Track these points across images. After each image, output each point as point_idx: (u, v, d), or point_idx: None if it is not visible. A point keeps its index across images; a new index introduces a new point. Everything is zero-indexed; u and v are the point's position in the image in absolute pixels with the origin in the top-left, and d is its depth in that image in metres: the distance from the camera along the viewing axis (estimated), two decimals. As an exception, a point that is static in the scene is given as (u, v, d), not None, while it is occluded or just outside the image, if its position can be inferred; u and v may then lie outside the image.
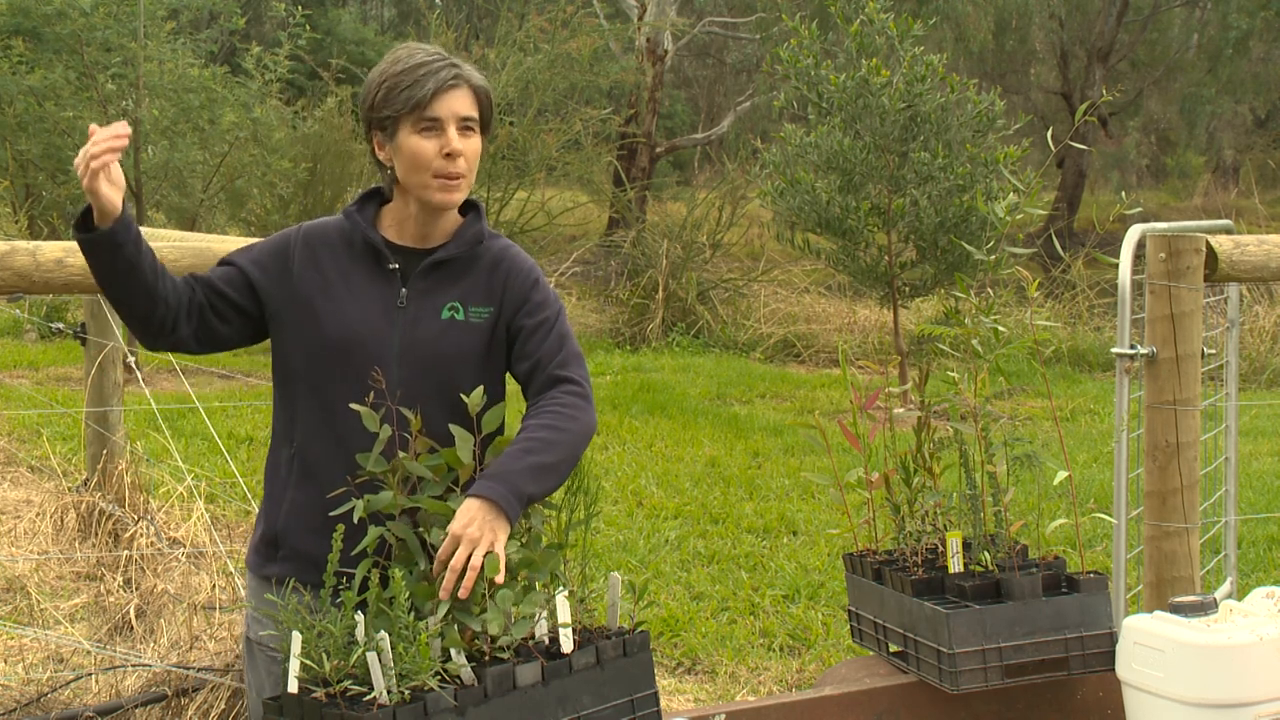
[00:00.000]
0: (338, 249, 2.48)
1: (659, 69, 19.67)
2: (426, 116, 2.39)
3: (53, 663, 4.63)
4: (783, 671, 4.85)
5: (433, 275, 2.47)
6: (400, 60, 2.43)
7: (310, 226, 2.53)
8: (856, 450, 2.72)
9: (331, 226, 2.52)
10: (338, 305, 2.43)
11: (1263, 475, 7.86)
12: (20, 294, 3.44)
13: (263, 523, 2.51)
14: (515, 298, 2.49)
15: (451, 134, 2.40)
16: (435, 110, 2.39)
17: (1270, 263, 3.64)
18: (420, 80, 2.38)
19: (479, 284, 2.49)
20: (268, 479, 2.52)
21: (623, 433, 8.98)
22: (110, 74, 11.64)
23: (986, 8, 19.70)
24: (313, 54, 14.76)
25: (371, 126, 2.46)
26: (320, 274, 2.46)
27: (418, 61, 2.41)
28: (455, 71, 2.42)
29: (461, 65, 2.44)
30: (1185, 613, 2.38)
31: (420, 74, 2.39)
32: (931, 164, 9.33)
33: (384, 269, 2.46)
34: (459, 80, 2.41)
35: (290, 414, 2.46)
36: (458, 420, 2.34)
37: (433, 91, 2.38)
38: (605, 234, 17.65)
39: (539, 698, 2.09)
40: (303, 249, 2.47)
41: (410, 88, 2.38)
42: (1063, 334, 12.37)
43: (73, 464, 7.10)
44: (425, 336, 2.43)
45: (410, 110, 2.39)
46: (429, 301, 2.45)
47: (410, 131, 2.40)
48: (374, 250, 2.47)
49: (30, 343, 11.98)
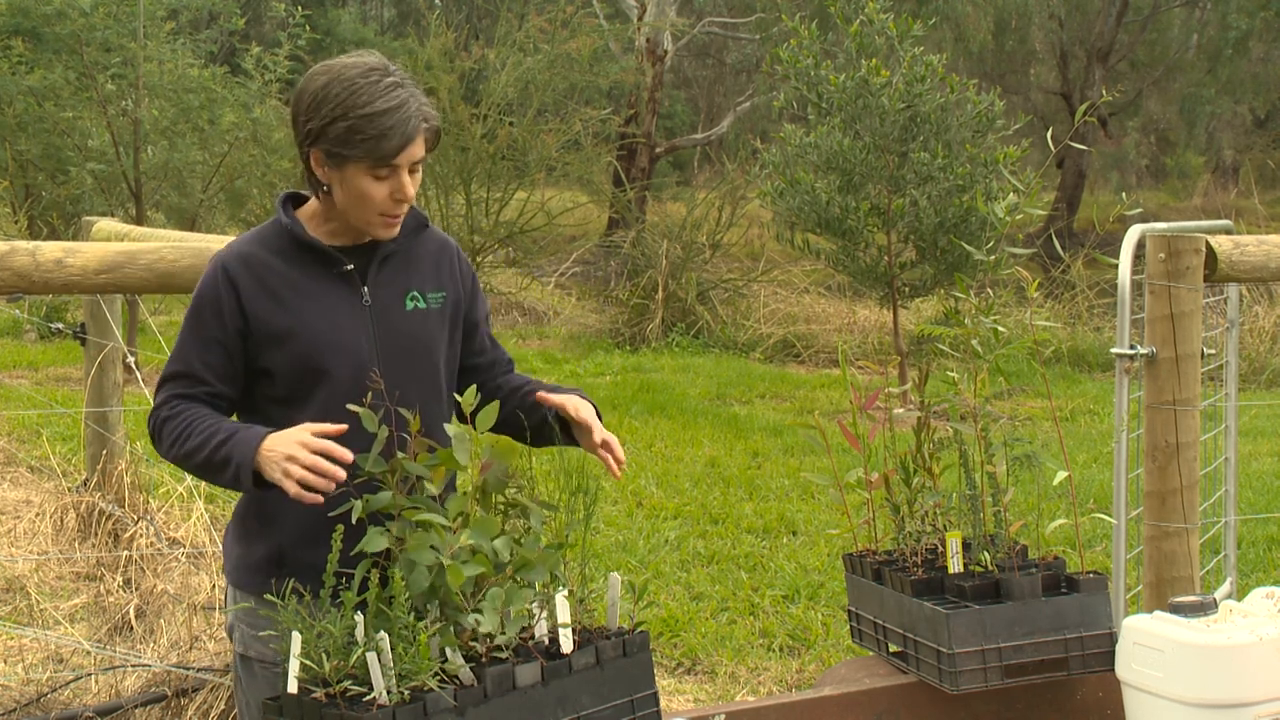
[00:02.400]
0: (273, 263, 2.40)
1: (659, 69, 19.68)
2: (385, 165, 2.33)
3: (52, 663, 4.63)
4: (782, 672, 4.85)
5: (386, 268, 2.47)
6: (360, 91, 2.30)
7: (233, 253, 2.42)
8: (856, 450, 2.72)
9: (255, 243, 2.43)
10: (303, 320, 2.39)
11: (1262, 475, 7.86)
12: (20, 294, 3.44)
13: (259, 541, 2.46)
14: (466, 285, 2.58)
15: (404, 180, 2.35)
16: (395, 160, 2.33)
17: (1270, 263, 3.65)
18: (386, 134, 2.29)
19: (428, 270, 2.52)
20: (260, 498, 2.45)
21: (622, 433, 8.98)
22: (110, 74, 11.64)
23: (986, 8, 19.71)
24: (312, 54, 14.69)
25: (313, 142, 2.35)
26: (271, 296, 2.39)
27: (383, 108, 2.29)
28: (420, 122, 2.33)
29: (420, 100, 2.35)
30: (1185, 613, 2.38)
31: (387, 126, 2.29)
32: (931, 164, 9.33)
33: (336, 271, 2.43)
34: (421, 129, 2.34)
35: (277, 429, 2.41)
36: (444, 408, 2.40)
37: (398, 149, 2.31)
38: (605, 234, 17.66)
39: (538, 698, 2.09)
40: (243, 278, 2.38)
41: (376, 139, 2.29)
42: (1062, 334, 12.37)
43: (72, 464, 7.10)
44: (399, 328, 2.45)
45: (370, 161, 2.31)
46: (391, 293, 2.46)
47: (363, 173, 2.33)
48: (320, 255, 2.42)
49: (30, 343, 11.98)
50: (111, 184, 11.79)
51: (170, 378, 2.41)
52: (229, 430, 2.31)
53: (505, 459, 2.31)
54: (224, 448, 2.29)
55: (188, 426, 2.34)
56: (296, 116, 2.38)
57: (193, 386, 2.39)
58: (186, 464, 2.37)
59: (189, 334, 2.42)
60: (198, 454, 2.32)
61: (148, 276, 3.54)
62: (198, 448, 2.32)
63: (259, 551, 2.47)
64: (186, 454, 2.34)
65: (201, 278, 2.44)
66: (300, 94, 2.37)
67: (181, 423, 2.36)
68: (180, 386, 2.40)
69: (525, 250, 15.21)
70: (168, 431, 2.37)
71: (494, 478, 2.30)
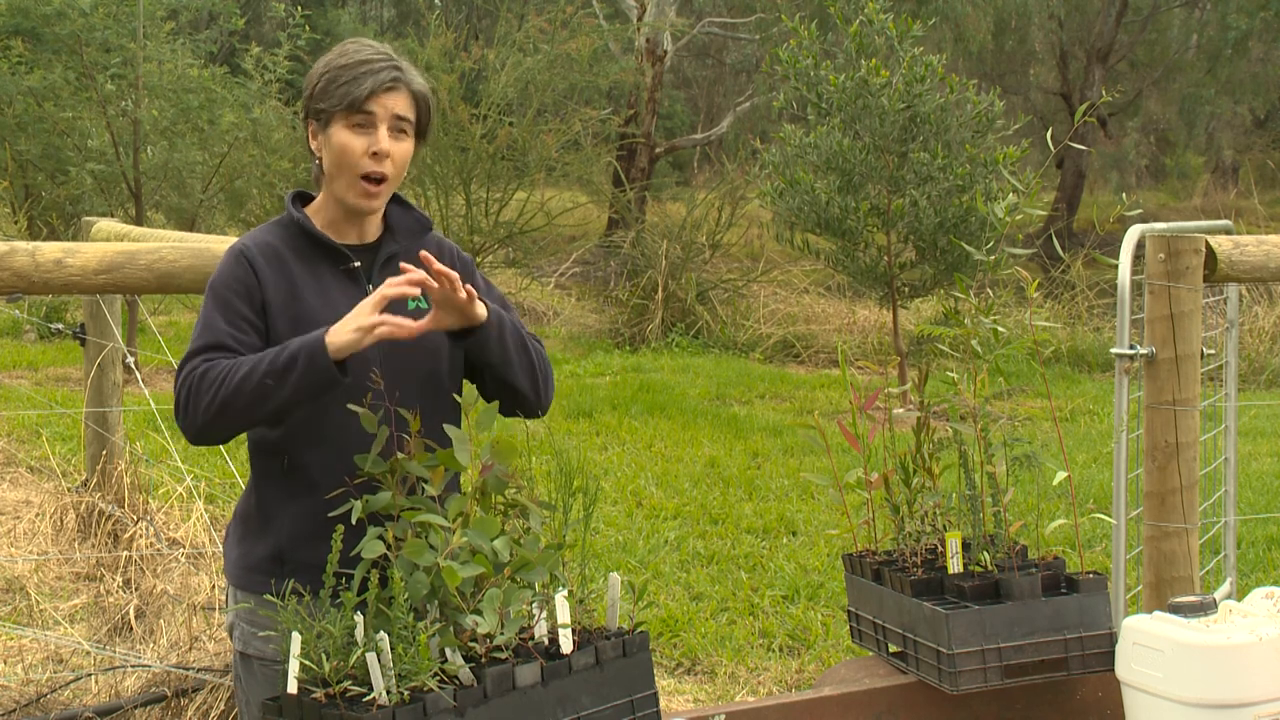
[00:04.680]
0: (287, 256, 2.44)
1: (658, 69, 19.68)
2: (360, 111, 2.39)
3: (52, 663, 4.63)
4: (782, 672, 4.85)
5: (390, 268, 2.46)
6: (347, 54, 2.43)
7: (251, 241, 2.46)
8: (856, 451, 2.72)
9: (269, 234, 2.47)
10: (313, 313, 2.40)
11: (1262, 475, 7.86)
12: (19, 294, 3.44)
13: (258, 541, 2.46)
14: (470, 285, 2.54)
15: (382, 133, 2.40)
16: (369, 106, 2.39)
17: (1269, 263, 3.65)
18: (359, 78, 2.38)
19: None
20: (257, 495, 2.46)
21: (622, 433, 8.98)
22: (109, 74, 11.64)
23: (986, 8, 19.71)
24: (312, 54, 14.70)
25: (308, 115, 2.46)
26: (287, 285, 2.41)
27: (361, 59, 2.41)
28: (395, 74, 2.42)
29: (405, 68, 2.44)
30: (1184, 613, 2.38)
31: (360, 71, 2.39)
32: (931, 164, 9.33)
33: (343, 269, 2.45)
34: (398, 82, 2.41)
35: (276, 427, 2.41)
36: (447, 411, 2.39)
37: (370, 91, 2.38)
38: (605, 234, 17.66)
39: (538, 698, 2.09)
40: (261, 264, 2.41)
41: (349, 84, 2.38)
42: (1062, 334, 12.37)
43: (72, 464, 7.10)
44: None
45: (345, 106, 2.39)
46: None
47: (342, 126, 2.40)
48: (329, 251, 2.45)
49: (29, 343, 11.98)
50: (111, 184, 11.79)
51: (197, 351, 2.35)
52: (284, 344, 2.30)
53: (505, 460, 2.31)
54: (285, 352, 2.27)
55: (234, 365, 2.29)
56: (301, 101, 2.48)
57: (224, 355, 2.34)
58: (240, 392, 2.27)
59: (215, 312, 2.38)
60: (254, 372, 2.26)
61: (147, 277, 3.54)
62: (253, 367, 2.27)
63: (259, 551, 2.47)
64: (240, 380, 2.26)
65: (219, 265, 2.45)
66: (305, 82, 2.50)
67: (226, 366, 2.30)
68: (212, 355, 2.34)
69: (525, 250, 15.21)
70: (210, 379, 2.29)
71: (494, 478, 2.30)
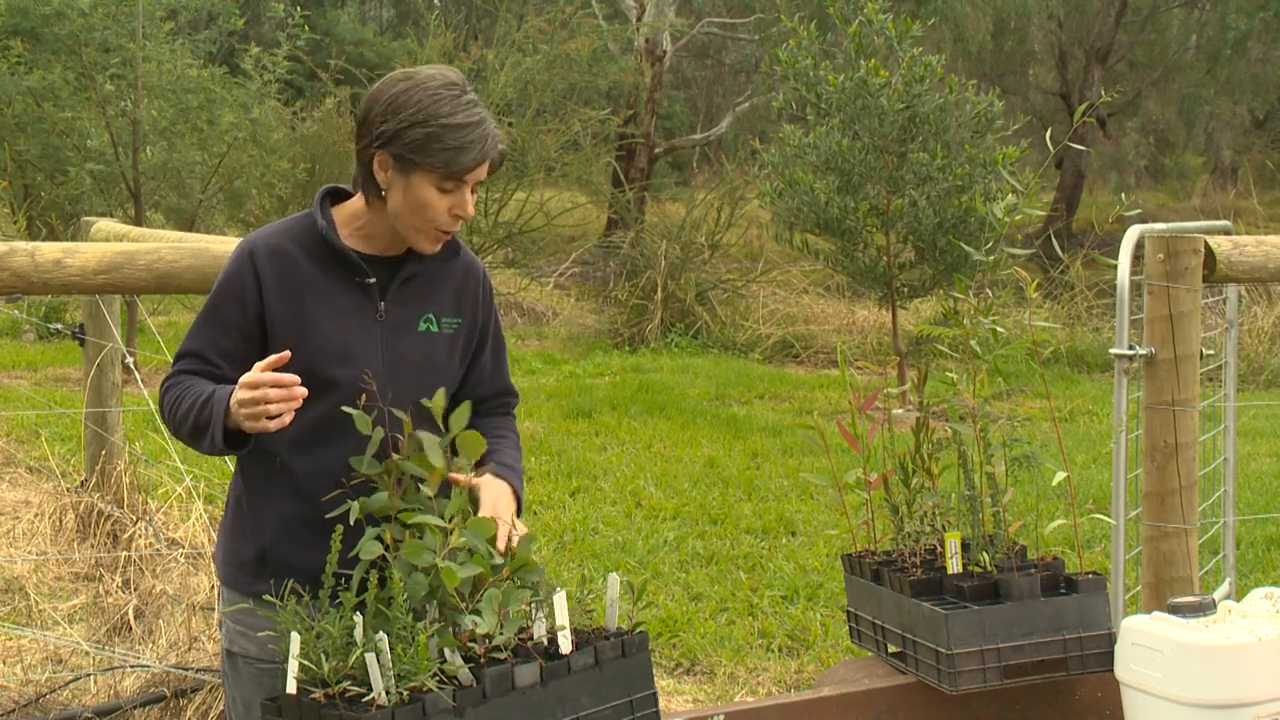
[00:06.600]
0: (299, 259, 2.40)
1: (658, 70, 19.68)
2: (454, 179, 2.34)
3: (51, 663, 4.63)
4: (781, 672, 4.85)
5: (406, 287, 2.45)
6: (443, 101, 2.31)
7: (262, 240, 2.42)
8: (855, 451, 2.72)
9: (285, 235, 2.42)
10: (318, 322, 2.38)
11: (1261, 476, 7.86)
12: (18, 294, 3.44)
13: (247, 540, 2.47)
14: (484, 313, 2.56)
15: (467, 196, 2.37)
16: (466, 176, 2.34)
17: (1268, 263, 3.65)
18: (466, 147, 2.31)
19: (449, 294, 2.50)
20: (248, 495, 2.47)
21: (621, 433, 8.98)
22: (109, 74, 11.64)
23: (985, 8, 19.71)
24: (311, 55, 14.75)
25: (383, 145, 2.33)
26: (292, 292, 2.39)
27: (471, 120, 2.32)
28: (497, 144, 2.36)
29: (494, 121, 2.37)
30: (1184, 613, 2.38)
31: (468, 139, 2.31)
32: (930, 164, 9.33)
33: (357, 281, 2.42)
34: (496, 149, 2.36)
35: None
36: (436, 431, 2.37)
37: (474, 164, 2.33)
38: (604, 235, 17.67)
39: (537, 698, 2.09)
40: (266, 268, 2.38)
41: (455, 151, 2.30)
42: (1061, 335, 12.37)
43: (71, 465, 7.10)
44: (406, 350, 2.44)
45: (443, 172, 2.32)
46: (406, 314, 2.45)
47: (429, 183, 2.33)
48: (345, 261, 2.41)
49: (29, 343, 11.98)
50: (110, 184, 11.79)
51: (181, 356, 2.45)
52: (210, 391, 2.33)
53: (472, 455, 2.32)
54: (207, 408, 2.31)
55: (181, 395, 2.37)
56: (369, 116, 2.36)
57: (201, 366, 2.42)
58: (180, 429, 2.37)
59: (207, 316, 2.43)
60: (189, 416, 2.34)
61: (146, 277, 3.54)
62: (189, 408, 2.35)
63: (244, 551, 2.48)
64: (180, 417, 2.36)
65: (227, 261, 2.44)
66: (376, 96, 2.37)
67: (178, 393, 2.39)
68: (188, 364, 2.43)
69: (524, 251, 15.21)
70: (168, 401, 2.40)
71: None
